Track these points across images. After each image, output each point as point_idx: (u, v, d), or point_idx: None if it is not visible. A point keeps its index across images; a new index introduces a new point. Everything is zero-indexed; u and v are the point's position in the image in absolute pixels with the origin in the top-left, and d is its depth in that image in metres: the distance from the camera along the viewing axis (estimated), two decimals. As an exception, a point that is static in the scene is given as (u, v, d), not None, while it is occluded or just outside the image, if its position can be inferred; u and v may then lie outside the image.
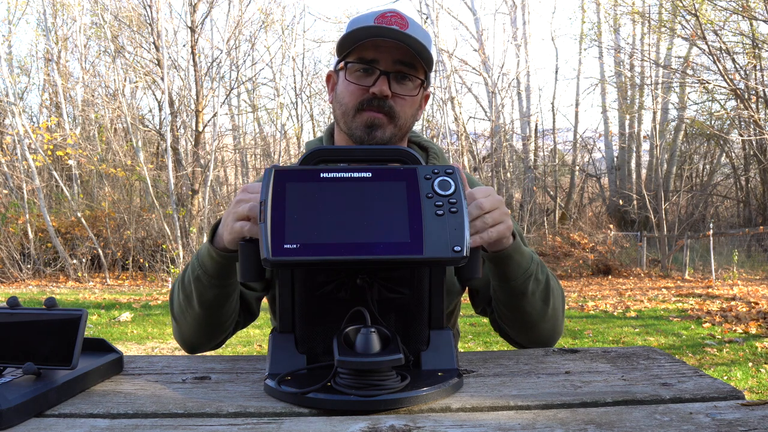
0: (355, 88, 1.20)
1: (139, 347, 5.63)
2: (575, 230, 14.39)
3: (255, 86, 18.45)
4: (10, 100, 12.66)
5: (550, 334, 1.17)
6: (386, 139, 1.20)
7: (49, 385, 0.79)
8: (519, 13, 18.14)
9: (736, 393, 0.82)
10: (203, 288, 1.09)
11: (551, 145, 19.35)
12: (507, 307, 1.14)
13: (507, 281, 1.08)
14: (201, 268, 1.07)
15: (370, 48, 1.18)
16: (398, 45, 1.16)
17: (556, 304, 1.15)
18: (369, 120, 1.19)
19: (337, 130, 1.28)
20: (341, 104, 1.22)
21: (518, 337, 1.19)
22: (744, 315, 6.78)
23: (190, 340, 1.20)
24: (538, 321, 1.13)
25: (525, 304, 1.11)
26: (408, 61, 1.19)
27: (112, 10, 14.50)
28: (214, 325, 1.15)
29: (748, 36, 13.77)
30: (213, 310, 1.12)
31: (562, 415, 0.75)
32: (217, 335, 1.19)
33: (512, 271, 1.07)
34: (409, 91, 1.21)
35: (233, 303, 1.15)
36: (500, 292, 1.12)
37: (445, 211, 0.83)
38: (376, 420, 0.73)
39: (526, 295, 1.09)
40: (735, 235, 13.35)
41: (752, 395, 3.80)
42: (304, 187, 0.84)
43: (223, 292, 1.10)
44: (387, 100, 1.18)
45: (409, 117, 1.23)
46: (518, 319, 1.14)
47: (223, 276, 1.07)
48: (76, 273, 12.26)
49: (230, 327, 1.20)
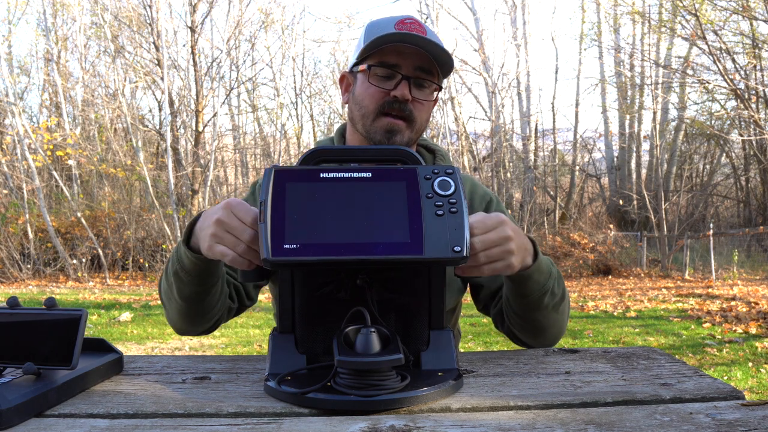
0: (375, 90, 1.21)
1: (139, 347, 5.64)
2: (575, 230, 14.40)
3: (255, 86, 18.45)
4: (10, 100, 12.67)
5: (556, 337, 1.20)
6: (404, 143, 1.22)
7: (49, 385, 0.79)
8: (519, 13, 18.14)
9: (736, 393, 0.82)
10: (182, 284, 1.08)
11: (551, 145, 19.34)
12: (518, 317, 1.14)
13: (523, 297, 1.08)
14: (179, 263, 1.06)
15: (392, 53, 1.20)
16: (419, 51, 1.19)
17: (565, 309, 1.17)
18: (389, 126, 1.21)
19: (351, 131, 1.29)
20: (361, 106, 1.24)
21: (525, 339, 1.20)
22: (744, 315, 6.78)
23: (176, 326, 1.21)
24: (548, 327, 1.15)
25: (537, 314, 1.11)
26: (427, 68, 1.22)
27: (112, 10, 14.51)
28: (196, 315, 1.15)
29: (748, 36, 13.78)
30: (193, 303, 1.12)
31: (562, 415, 0.75)
32: (203, 323, 1.19)
33: (529, 288, 1.06)
34: (426, 96, 1.24)
35: (216, 296, 1.14)
36: (514, 304, 1.12)
37: (445, 211, 0.83)
38: (376, 420, 0.73)
39: (540, 308, 1.10)
40: (735, 235, 13.35)
41: (752, 395, 3.80)
42: (304, 188, 0.84)
43: (202, 289, 1.09)
44: (407, 104, 1.21)
45: (425, 121, 1.26)
46: (529, 327, 1.16)
47: (202, 275, 1.06)
48: (76, 273, 12.26)
49: (216, 316, 1.19)
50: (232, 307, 1.25)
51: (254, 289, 1.29)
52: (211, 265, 1.05)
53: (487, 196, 1.36)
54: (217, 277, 1.11)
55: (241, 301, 1.27)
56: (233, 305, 1.25)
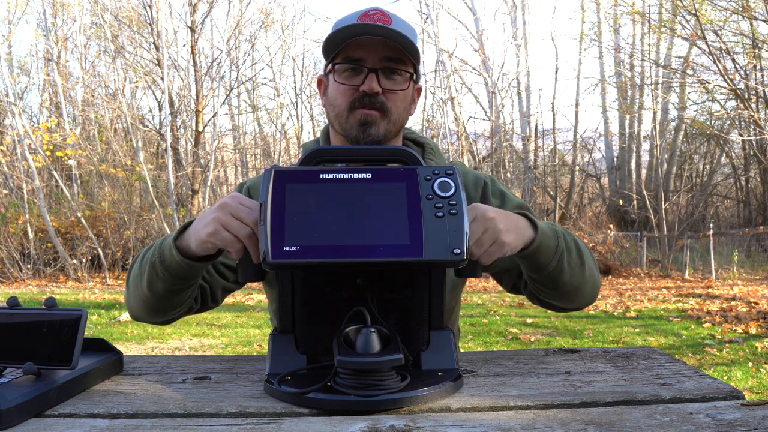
0: (345, 88, 1.19)
1: (139, 347, 5.63)
2: (575, 230, 14.40)
3: (255, 86, 18.44)
4: (10, 100, 12.66)
5: (592, 291, 1.16)
6: (381, 136, 1.19)
7: (49, 385, 0.79)
8: (519, 13, 18.14)
9: (736, 393, 0.82)
10: (155, 277, 1.05)
11: (551, 145, 19.33)
12: (548, 287, 1.11)
13: (542, 269, 1.05)
14: (159, 257, 1.02)
15: (356, 47, 1.18)
16: (383, 41, 1.16)
17: (589, 262, 1.13)
18: (362, 118, 1.18)
19: (333, 132, 1.28)
20: (334, 106, 1.22)
21: (565, 304, 1.18)
22: (744, 315, 6.78)
23: (133, 312, 1.19)
24: (581, 285, 1.12)
25: (564, 277, 1.08)
26: (395, 57, 1.19)
27: (112, 10, 14.51)
28: (158, 309, 1.13)
29: (748, 36, 13.77)
30: (160, 298, 1.09)
31: (562, 415, 0.75)
32: (161, 317, 1.17)
33: (544, 257, 1.03)
34: (398, 85, 1.21)
35: (185, 297, 1.12)
36: (539, 278, 1.09)
37: (444, 213, 0.83)
38: (376, 420, 0.73)
39: (564, 270, 1.07)
40: (735, 235, 13.35)
41: (752, 395, 3.80)
42: (304, 188, 0.84)
43: (175, 288, 1.07)
44: (378, 97, 1.18)
45: (402, 111, 1.23)
46: (563, 292, 1.12)
47: (180, 276, 1.03)
48: (76, 273, 12.25)
49: (177, 313, 1.17)
50: (194, 307, 1.22)
51: (222, 293, 1.26)
52: (194, 269, 1.01)
53: (480, 180, 1.32)
54: (195, 281, 1.08)
55: (204, 303, 1.24)
56: (195, 306, 1.21)
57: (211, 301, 1.24)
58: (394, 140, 1.26)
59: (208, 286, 1.22)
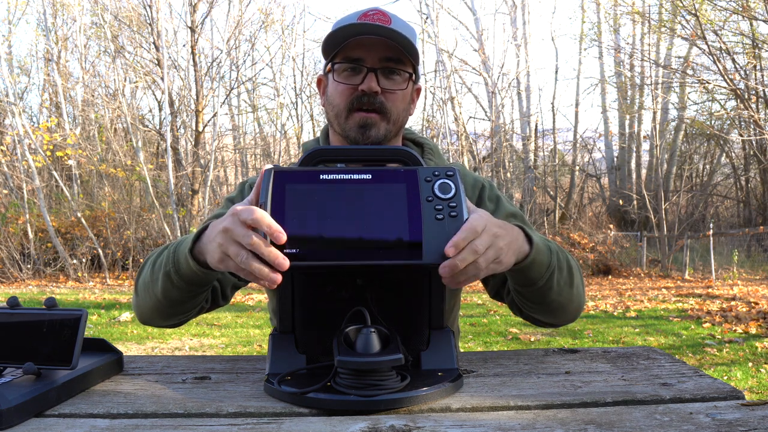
0: (344, 87, 1.20)
1: (139, 347, 5.63)
2: (575, 230, 14.40)
3: (255, 86, 18.45)
4: (10, 100, 12.66)
5: (576, 310, 1.15)
6: (381, 137, 1.19)
7: (49, 385, 0.79)
8: (519, 13, 18.13)
9: (736, 393, 0.82)
10: (170, 285, 1.03)
11: (551, 145, 19.33)
12: (533, 302, 1.09)
13: (531, 284, 1.02)
14: (174, 266, 1.00)
15: (355, 47, 1.18)
16: (382, 41, 1.16)
17: (577, 281, 1.11)
18: (362, 120, 1.18)
19: (332, 132, 1.28)
20: (333, 106, 1.22)
21: (547, 319, 1.16)
22: (744, 315, 6.78)
23: (144, 317, 1.17)
24: (566, 304, 1.10)
25: (552, 294, 1.06)
26: (394, 56, 1.19)
27: (112, 10, 14.51)
28: (172, 314, 1.13)
29: (748, 36, 13.77)
30: (174, 303, 1.08)
31: (562, 415, 0.75)
32: (174, 320, 1.16)
33: (533, 275, 0.99)
34: (397, 85, 1.21)
35: (200, 300, 1.11)
36: (526, 293, 1.06)
37: (444, 215, 0.83)
38: (376, 420, 0.73)
39: (552, 288, 1.04)
40: (735, 235, 13.35)
41: (752, 395, 3.80)
42: (304, 189, 0.84)
43: (189, 295, 1.06)
44: (377, 96, 1.18)
45: (401, 111, 1.23)
46: (548, 309, 1.10)
47: (196, 284, 1.02)
48: (76, 273, 12.25)
49: (188, 316, 1.17)
50: (204, 307, 1.21)
51: (231, 290, 1.25)
52: (210, 276, 1.00)
53: (478, 183, 1.30)
54: (210, 285, 1.08)
55: (215, 301, 1.22)
56: (206, 305, 1.20)
57: (221, 299, 1.24)
58: (394, 140, 1.26)
59: (218, 284, 1.21)
